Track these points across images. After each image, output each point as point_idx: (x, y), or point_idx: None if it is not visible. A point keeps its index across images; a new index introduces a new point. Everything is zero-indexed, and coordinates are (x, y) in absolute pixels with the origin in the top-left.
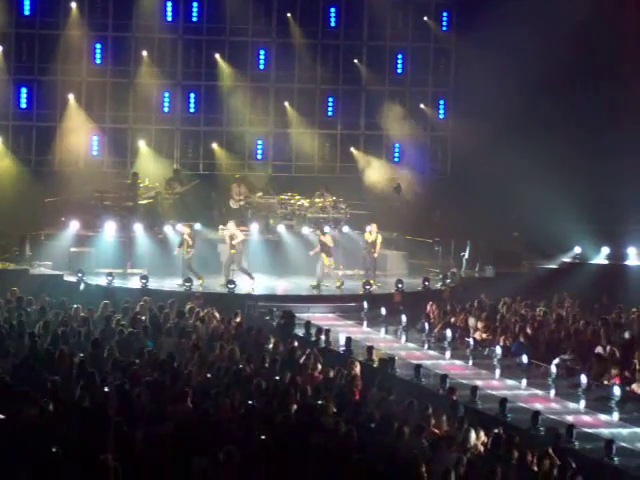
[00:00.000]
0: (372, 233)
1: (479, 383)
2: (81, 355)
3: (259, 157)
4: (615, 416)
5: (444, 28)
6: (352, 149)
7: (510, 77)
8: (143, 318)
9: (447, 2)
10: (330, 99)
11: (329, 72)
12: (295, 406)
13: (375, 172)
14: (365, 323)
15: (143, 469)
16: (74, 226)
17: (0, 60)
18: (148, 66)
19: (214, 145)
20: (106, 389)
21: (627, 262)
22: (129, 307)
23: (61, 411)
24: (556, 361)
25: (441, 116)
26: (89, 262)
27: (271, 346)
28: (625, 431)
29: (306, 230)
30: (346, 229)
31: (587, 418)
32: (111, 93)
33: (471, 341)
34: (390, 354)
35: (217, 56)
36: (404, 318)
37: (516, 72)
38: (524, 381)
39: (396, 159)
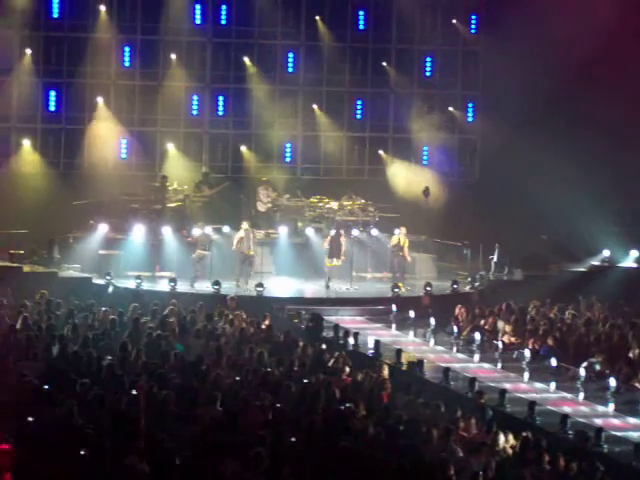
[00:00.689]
0: (400, 236)
1: (507, 386)
2: (109, 358)
3: (287, 160)
4: None
5: (473, 31)
6: (380, 152)
7: (539, 79)
8: (171, 321)
9: (476, 5)
10: (359, 102)
11: (358, 75)
12: (323, 409)
13: (403, 175)
14: (394, 326)
15: (171, 472)
16: (103, 229)
17: (29, 63)
18: (177, 69)
19: (242, 148)
20: (134, 392)
21: None
22: (157, 310)
23: (89, 414)
24: (585, 364)
25: (470, 119)
26: (118, 265)
27: (299, 349)
28: None
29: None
30: (375, 232)
31: (616, 421)
32: (140, 96)
33: (499, 344)
34: (419, 357)
35: (246, 59)
36: (433, 321)
37: (545, 74)
38: (553, 384)
39: (424, 162)
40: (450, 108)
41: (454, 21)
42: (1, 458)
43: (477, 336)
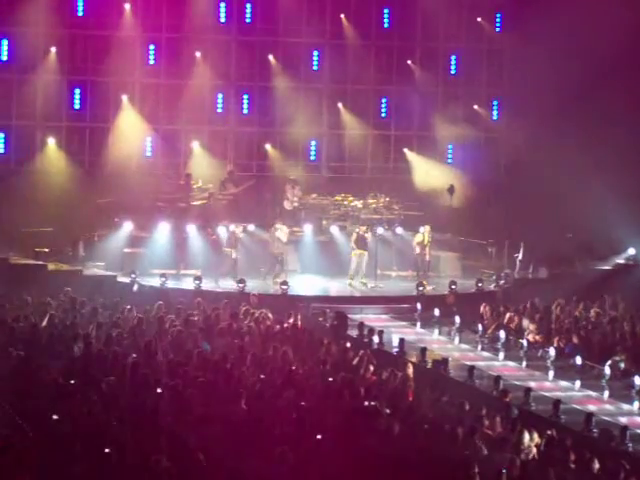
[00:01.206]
0: (424, 234)
1: (532, 384)
2: (134, 356)
3: (312, 158)
4: None
5: (497, 29)
6: (405, 150)
7: (564, 77)
8: (196, 319)
9: (500, 3)
10: (383, 100)
11: (382, 73)
12: (348, 408)
13: (428, 173)
14: (418, 324)
15: (196, 471)
16: (127, 227)
17: (54, 61)
18: (201, 67)
19: (267, 146)
20: (159, 390)
21: None
22: (182, 308)
23: (114, 412)
24: (609, 362)
25: (495, 117)
26: (142, 263)
27: (324, 348)
28: None
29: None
30: (399, 230)
31: None
32: (164, 94)
33: (524, 342)
34: (443, 355)
35: (270, 57)
36: (457, 319)
37: (570, 71)
38: (578, 382)
39: (449, 160)
40: (475, 106)
41: (479, 19)
42: None
43: (502, 334)
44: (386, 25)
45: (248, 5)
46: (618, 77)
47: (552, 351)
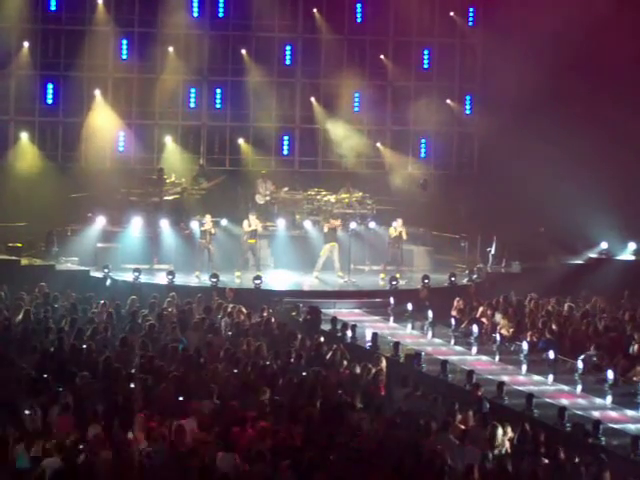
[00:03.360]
0: (397, 228)
1: (505, 379)
2: (107, 351)
3: (285, 153)
4: None
5: (470, 23)
6: (378, 144)
7: (536, 71)
8: (169, 314)
9: None
10: (356, 95)
11: (355, 67)
12: (321, 402)
13: (401, 167)
14: (391, 319)
15: (169, 464)
16: (100, 222)
17: (26, 56)
18: (174, 62)
19: (240, 141)
20: (132, 385)
21: None
22: (156, 303)
23: (87, 406)
24: (582, 357)
25: (467, 111)
26: (115, 258)
27: (297, 342)
28: None
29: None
30: (373, 225)
31: (614, 414)
32: (137, 89)
33: (497, 337)
34: (416, 350)
35: (243, 52)
36: (430, 314)
37: (543, 66)
38: (550, 377)
39: (422, 155)
40: (448, 101)
41: (452, 14)
42: None
43: (475, 329)
44: (359, 19)
45: (221, 0)
46: (591, 71)
47: (525, 345)
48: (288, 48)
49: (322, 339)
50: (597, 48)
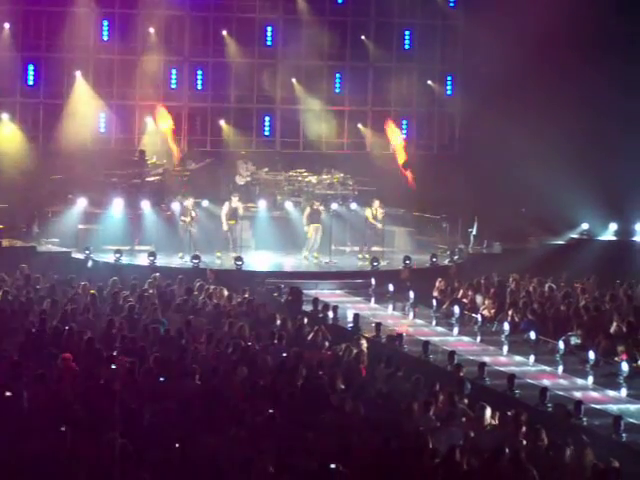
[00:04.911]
0: (375, 209)
1: (487, 359)
2: (89, 332)
3: (267, 134)
4: (623, 392)
5: (452, 4)
6: (359, 125)
7: (518, 53)
8: (150, 295)
9: None
10: (337, 75)
11: (336, 49)
12: (302, 383)
13: (383, 148)
14: (373, 299)
15: (150, 446)
16: (81, 203)
17: (7, 37)
18: (155, 43)
19: (221, 122)
20: (113, 366)
21: (635, 238)
22: (137, 284)
23: (69, 389)
24: (563, 337)
25: (449, 92)
26: (97, 239)
27: (279, 323)
28: (633, 407)
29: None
30: (354, 206)
31: (595, 394)
32: (118, 70)
33: (479, 317)
34: (398, 331)
35: (224, 33)
36: (412, 294)
37: (523, 48)
38: (532, 357)
39: (403, 135)
40: (429, 82)
41: None
42: None
43: (456, 309)
44: (340, 0)
45: None
46: (571, 53)
47: (506, 326)
48: (269, 29)
49: (304, 320)
50: (580, 32)
